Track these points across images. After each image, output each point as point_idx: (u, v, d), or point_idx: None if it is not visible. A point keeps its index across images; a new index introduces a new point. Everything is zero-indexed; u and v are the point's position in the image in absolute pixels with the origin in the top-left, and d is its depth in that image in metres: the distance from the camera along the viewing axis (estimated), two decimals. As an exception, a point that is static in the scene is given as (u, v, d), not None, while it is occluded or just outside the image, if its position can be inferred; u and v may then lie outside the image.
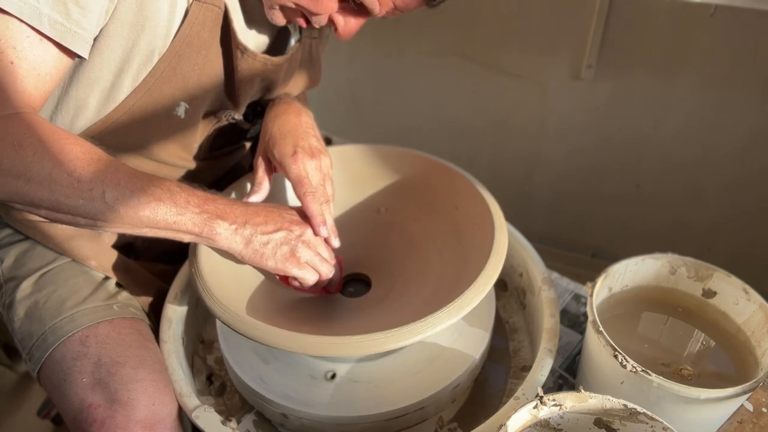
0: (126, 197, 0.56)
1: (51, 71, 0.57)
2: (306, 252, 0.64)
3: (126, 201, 0.56)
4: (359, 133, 1.54)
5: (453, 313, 0.58)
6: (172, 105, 0.67)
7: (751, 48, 1.02)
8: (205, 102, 0.71)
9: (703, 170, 1.19)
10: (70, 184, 0.54)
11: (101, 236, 0.77)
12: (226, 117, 0.75)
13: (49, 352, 0.67)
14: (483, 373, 0.75)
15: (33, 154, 0.53)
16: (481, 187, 0.74)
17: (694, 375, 0.66)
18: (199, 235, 0.60)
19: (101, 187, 0.55)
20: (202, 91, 0.68)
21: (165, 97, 0.66)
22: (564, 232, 1.43)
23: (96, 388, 0.63)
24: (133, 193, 0.56)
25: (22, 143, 0.53)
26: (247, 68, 0.70)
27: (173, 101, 0.67)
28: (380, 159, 0.81)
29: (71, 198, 0.55)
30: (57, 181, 0.54)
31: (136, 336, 0.69)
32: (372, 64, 1.40)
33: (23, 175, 0.53)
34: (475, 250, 0.68)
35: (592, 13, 1.09)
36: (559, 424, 0.55)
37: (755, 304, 0.65)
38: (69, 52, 0.57)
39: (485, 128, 1.36)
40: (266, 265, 0.63)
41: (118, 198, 0.56)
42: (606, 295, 0.72)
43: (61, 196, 0.54)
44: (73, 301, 0.70)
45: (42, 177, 0.54)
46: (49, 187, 0.54)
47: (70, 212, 0.56)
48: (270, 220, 0.64)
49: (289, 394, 0.65)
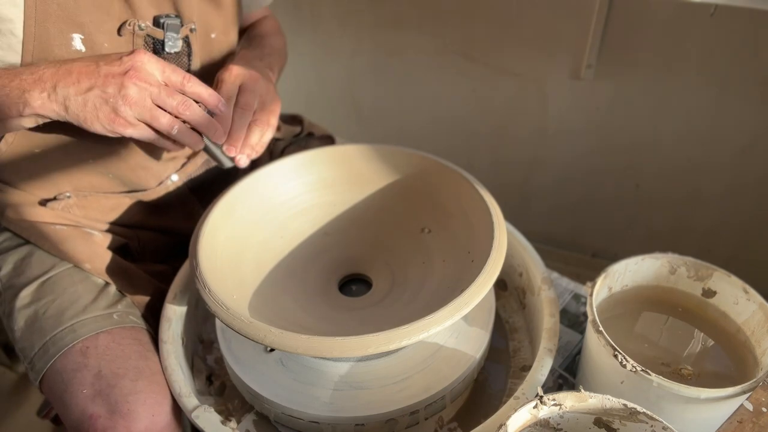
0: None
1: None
2: (130, 109, 0.56)
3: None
4: (359, 133, 1.54)
5: (453, 313, 0.58)
6: (67, 41, 0.62)
7: (751, 48, 1.02)
8: (98, 25, 0.64)
9: (703, 170, 1.19)
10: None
11: (94, 237, 0.76)
12: (130, 26, 0.66)
13: (51, 363, 0.67)
14: (483, 373, 0.75)
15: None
16: (481, 187, 0.74)
17: (693, 375, 0.66)
18: (21, 115, 0.56)
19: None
20: (86, 12, 0.62)
21: (54, 35, 0.61)
22: (564, 232, 1.43)
23: (97, 400, 0.63)
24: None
25: None
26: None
27: (65, 36, 0.62)
28: (380, 159, 0.81)
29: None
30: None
31: (135, 346, 0.69)
32: (372, 64, 1.40)
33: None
34: (475, 249, 0.68)
35: (592, 13, 1.09)
36: (558, 423, 0.55)
37: (755, 303, 0.65)
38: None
39: (485, 128, 1.36)
40: (95, 129, 0.57)
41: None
42: (606, 295, 0.72)
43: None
44: (73, 310, 0.70)
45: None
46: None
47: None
48: (84, 77, 0.56)
49: (288, 394, 0.65)
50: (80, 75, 0.56)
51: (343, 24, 1.35)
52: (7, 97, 0.55)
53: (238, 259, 0.71)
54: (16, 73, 0.56)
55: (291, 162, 0.79)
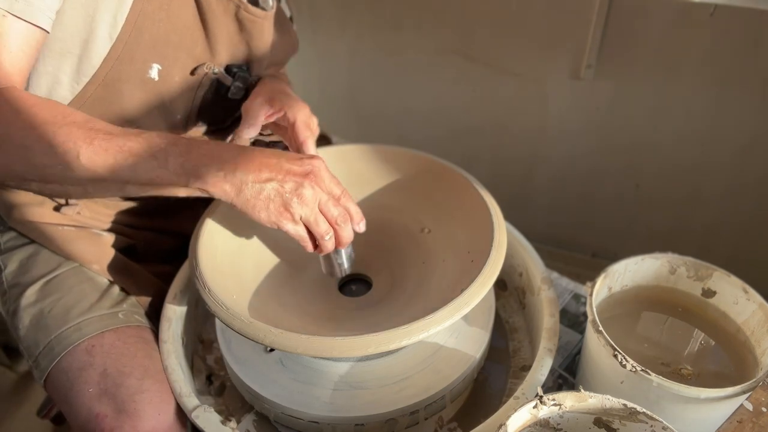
0: (101, 156, 0.54)
1: (22, 47, 0.56)
2: (301, 207, 0.59)
3: (102, 161, 0.54)
4: (359, 132, 1.54)
5: (453, 313, 0.58)
6: (145, 68, 0.65)
7: (751, 48, 1.02)
8: (179, 60, 0.68)
9: (703, 170, 1.19)
10: (43, 150, 0.52)
11: (102, 238, 0.77)
12: (207, 69, 0.71)
13: (56, 362, 0.67)
14: (483, 373, 0.75)
15: (6, 126, 0.52)
16: (481, 187, 0.74)
17: (693, 374, 0.66)
18: (187, 186, 0.57)
19: (75, 149, 0.53)
20: (172, 47, 0.66)
21: (137, 61, 0.64)
22: (564, 232, 1.43)
23: (103, 399, 0.63)
24: (108, 152, 0.54)
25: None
26: (222, 11, 0.68)
27: (145, 64, 0.65)
28: (380, 159, 0.81)
29: (50, 166, 0.53)
30: (31, 149, 0.52)
31: (141, 345, 0.69)
32: (372, 64, 1.40)
33: (1, 147, 0.52)
34: (475, 249, 0.68)
35: (591, 13, 1.09)
36: (558, 423, 0.55)
37: (755, 303, 0.65)
38: (34, 26, 0.56)
39: (485, 128, 1.36)
40: (259, 217, 0.59)
41: (92, 158, 0.53)
42: (606, 295, 0.72)
43: (39, 165, 0.53)
44: (79, 309, 0.70)
45: (17, 146, 0.52)
46: (25, 156, 0.52)
47: (56, 181, 0.54)
48: (265, 168, 0.58)
49: (288, 394, 0.64)
50: (262, 165, 0.58)
51: (342, 24, 1.35)
52: (180, 166, 0.56)
53: (238, 259, 0.71)
54: (196, 144, 0.58)
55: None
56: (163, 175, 0.56)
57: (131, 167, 0.55)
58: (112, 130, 0.56)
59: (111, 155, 0.54)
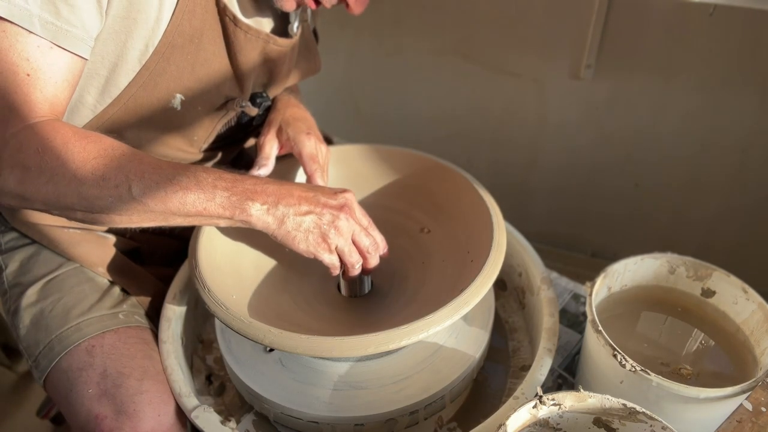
0: (152, 189, 0.56)
1: (67, 77, 0.57)
2: (337, 238, 0.62)
3: (153, 193, 0.56)
4: (359, 132, 1.54)
5: (453, 313, 0.58)
6: (168, 98, 0.67)
7: (751, 48, 1.02)
8: (204, 93, 0.70)
9: (702, 170, 1.19)
10: (95, 182, 0.54)
11: (107, 240, 0.77)
12: (236, 105, 0.74)
13: (56, 362, 0.67)
14: (482, 373, 0.75)
15: (56, 158, 0.53)
16: (480, 187, 0.74)
17: (693, 374, 0.66)
18: (231, 218, 0.60)
19: (126, 182, 0.55)
20: (197, 81, 0.68)
21: (160, 89, 0.66)
22: (563, 232, 1.43)
23: (102, 400, 0.63)
24: (159, 185, 0.56)
25: (45, 149, 0.53)
26: (251, 48, 0.70)
27: (168, 93, 0.67)
28: (380, 159, 0.81)
29: (100, 198, 0.54)
30: (83, 182, 0.54)
31: (141, 346, 0.69)
32: (372, 64, 1.40)
33: (51, 180, 0.53)
34: (475, 249, 0.68)
35: (591, 13, 1.09)
36: (558, 423, 0.55)
37: (754, 303, 0.65)
38: (77, 56, 0.57)
39: (484, 128, 1.36)
40: (298, 248, 0.62)
41: (144, 191, 0.55)
42: (605, 295, 0.72)
43: (89, 197, 0.54)
44: (79, 309, 0.70)
45: (68, 179, 0.54)
46: (77, 189, 0.54)
47: (103, 211, 0.56)
48: (304, 201, 0.62)
49: (288, 394, 0.65)
50: (300, 199, 0.61)
51: (342, 24, 1.35)
52: (226, 199, 0.58)
53: (237, 259, 0.71)
54: (239, 180, 0.60)
55: (291, 162, 0.79)
56: (210, 208, 0.58)
57: (181, 200, 0.57)
58: (160, 163, 0.57)
59: (162, 188, 0.56)
